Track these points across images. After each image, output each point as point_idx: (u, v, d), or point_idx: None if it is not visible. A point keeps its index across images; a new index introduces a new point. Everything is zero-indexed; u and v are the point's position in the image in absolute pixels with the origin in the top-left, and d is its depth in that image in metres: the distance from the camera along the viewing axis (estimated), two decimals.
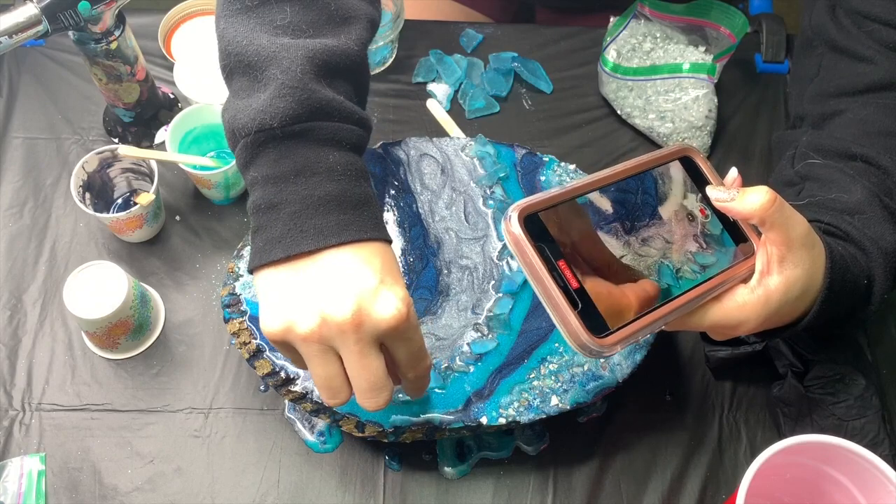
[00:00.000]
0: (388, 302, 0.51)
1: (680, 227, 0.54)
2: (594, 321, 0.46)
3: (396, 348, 0.53)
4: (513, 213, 0.46)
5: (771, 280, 0.54)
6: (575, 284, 0.46)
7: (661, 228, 0.53)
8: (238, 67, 0.55)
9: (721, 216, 0.56)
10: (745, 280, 0.55)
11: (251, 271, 0.53)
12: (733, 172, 0.56)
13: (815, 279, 0.56)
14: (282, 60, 0.53)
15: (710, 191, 0.56)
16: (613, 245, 0.50)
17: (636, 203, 0.53)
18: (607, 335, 0.47)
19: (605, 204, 0.51)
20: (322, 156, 0.53)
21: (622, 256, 0.50)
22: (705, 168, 0.57)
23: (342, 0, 0.59)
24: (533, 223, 0.47)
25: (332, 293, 0.50)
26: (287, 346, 0.53)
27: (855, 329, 0.79)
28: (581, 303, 0.46)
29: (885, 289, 0.61)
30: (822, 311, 0.57)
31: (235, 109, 0.54)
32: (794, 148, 0.72)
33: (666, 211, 0.54)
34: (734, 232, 0.56)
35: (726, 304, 0.54)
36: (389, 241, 0.55)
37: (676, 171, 0.56)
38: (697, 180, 0.56)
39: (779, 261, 0.54)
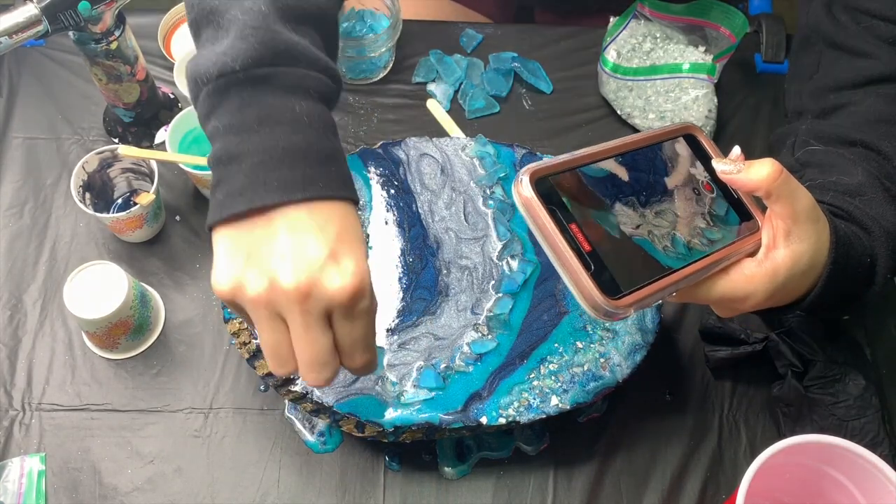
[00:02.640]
0: (339, 274, 0.48)
1: (686, 200, 0.54)
2: (606, 283, 0.46)
3: (340, 327, 0.50)
4: (524, 176, 0.46)
5: (778, 253, 0.54)
6: (587, 247, 0.46)
7: (669, 201, 0.53)
8: (202, 16, 0.53)
9: (726, 192, 0.56)
10: (752, 254, 0.55)
11: (210, 228, 0.50)
12: (736, 150, 0.57)
13: (821, 254, 0.56)
14: (244, 1, 0.51)
15: (717, 164, 0.56)
16: (623, 215, 0.50)
17: (643, 175, 0.53)
18: (620, 297, 0.47)
19: (613, 175, 0.51)
20: (288, 104, 0.50)
21: (637, 226, 0.50)
22: (708, 145, 0.57)
23: None
24: (544, 186, 0.47)
25: (283, 257, 0.48)
26: (237, 307, 0.51)
27: (858, 312, 0.78)
28: (593, 265, 0.46)
29: (888, 269, 0.61)
30: (826, 287, 0.57)
31: (198, 59, 0.51)
32: (795, 136, 0.72)
33: (673, 185, 0.54)
34: (739, 209, 0.56)
35: (734, 276, 0.54)
36: (356, 202, 0.52)
37: (682, 147, 0.56)
38: (701, 157, 0.57)
39: (784, 235, 0.54)
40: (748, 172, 0.53)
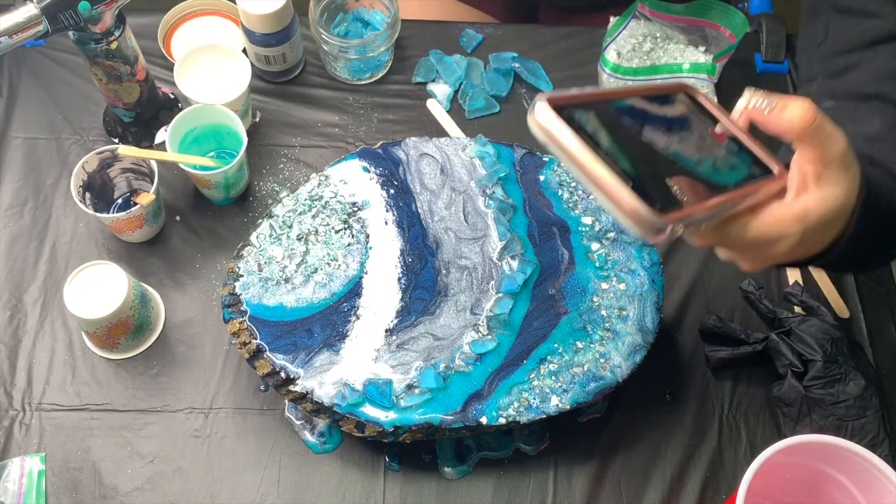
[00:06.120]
0: None
1: (704, 143, 0.51)
2: (647, 198, 0.43)
3: None
4: (540, 102, 0.44)
5: (808, 196, 0.52)
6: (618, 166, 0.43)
7: (687, 141, 0.51)
8: None
9: (737, 143, 0.54)
10: (779, 197, 0.53)
11: None
12: (749, 92, 0.54)
13: (850, 201, 0.53)
14: None
15: (751, 97, 0.52)
16: (645, 147, 0.48)
17: (659, 116, 0.51)
18: (666, 213, 0.43)
19: (632, 110, 0.49)
20: None
21: (659, 158, 0.48)
22: (707, 103, 0.55)
23: None
24: (562, 114, 0.44)
25: None
26: None
27: (886, 264, 0.76)
28: (632, 180, 0.43)
29: None
30: (858, 230, 0.55)
31: None
32: (807, 95, 0.72)
33: (689, 127, 0.52)
34: (753, 159, 0.54)
35: (765, 218, 0.52)
36: None
37: (688, 99, 0.55)
38: (706, 111, 0.55)
39: (815, 179, 0.52)
40: (781, 113, 0.49)
